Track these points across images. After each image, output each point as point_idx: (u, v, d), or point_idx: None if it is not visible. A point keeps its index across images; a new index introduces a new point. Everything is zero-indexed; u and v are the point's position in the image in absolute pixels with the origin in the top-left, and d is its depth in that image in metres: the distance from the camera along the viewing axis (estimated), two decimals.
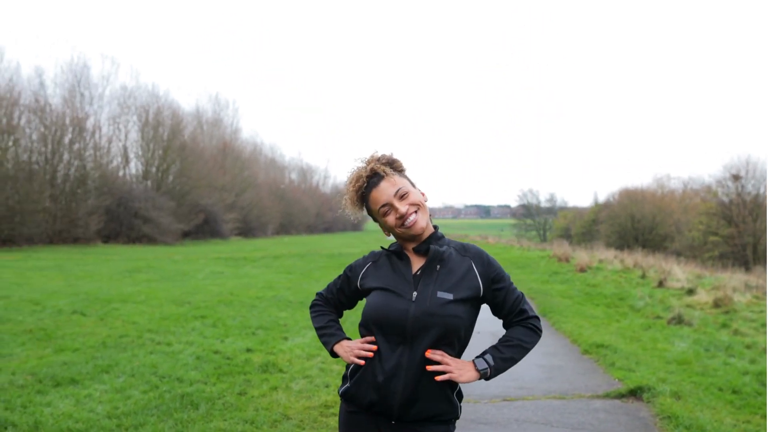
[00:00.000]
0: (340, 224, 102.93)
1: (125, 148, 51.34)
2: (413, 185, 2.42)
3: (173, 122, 53.85)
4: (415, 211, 2.32)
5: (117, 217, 44.29)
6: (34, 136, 40.65)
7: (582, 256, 23.58)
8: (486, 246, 38.47)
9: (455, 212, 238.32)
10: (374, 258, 2.47)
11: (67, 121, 42.78)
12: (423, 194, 2.43)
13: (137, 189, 47.49)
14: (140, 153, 52.17)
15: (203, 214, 52.70)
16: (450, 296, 2.27)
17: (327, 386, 6.25)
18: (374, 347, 2.26)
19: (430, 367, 2.22)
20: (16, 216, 36.03)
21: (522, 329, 2.42)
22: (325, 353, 7.86)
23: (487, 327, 5.19)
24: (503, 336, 2.44)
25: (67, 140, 42.35)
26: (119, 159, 50.97)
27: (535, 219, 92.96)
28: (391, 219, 2.32)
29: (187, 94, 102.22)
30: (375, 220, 2.43)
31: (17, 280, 16.28)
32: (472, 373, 2.28)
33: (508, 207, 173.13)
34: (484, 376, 2.31)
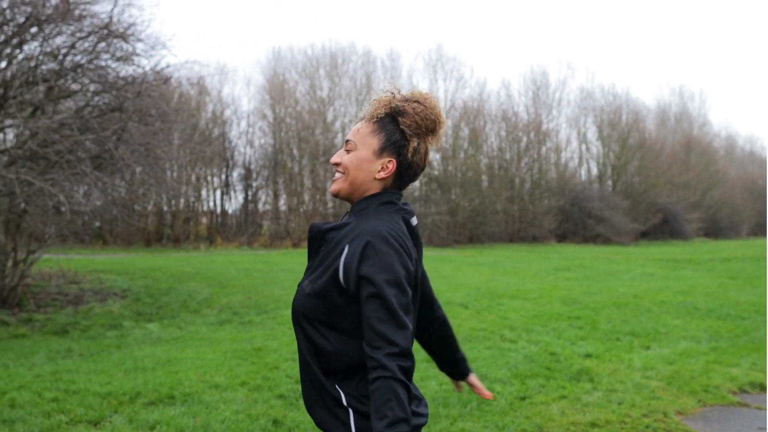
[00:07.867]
0: None
1: (582, 149, 52.44)
2: (390, 144, 1.88)
3: (630, 119, 52.96)
4: (343, 172, 1.91)
5: (571, 216, 45.51)
6: (498, 143, 44.62)
7: None
8: None
9: None
10: None
11: (528, 126, 45.84)
12: (383, 168, 1.88)
13: (591, 189, 47.94)
14: (596, 153, 52.69)
15: (661, 214, 50.51)
16: (307, 289, 1.88)
17: (620, 403, 5.43)
18: None
19: None
20: (478, 216, 40.24)
21: (376, 389, 1.66)
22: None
23: None
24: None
25: (524, 144, 45.40)
26: (575, 160, 52.27)
27: None
28: None
29: (648, 90, 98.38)
30: None
31: (448, 274, 18.03)
32: None
33: None
34: None
